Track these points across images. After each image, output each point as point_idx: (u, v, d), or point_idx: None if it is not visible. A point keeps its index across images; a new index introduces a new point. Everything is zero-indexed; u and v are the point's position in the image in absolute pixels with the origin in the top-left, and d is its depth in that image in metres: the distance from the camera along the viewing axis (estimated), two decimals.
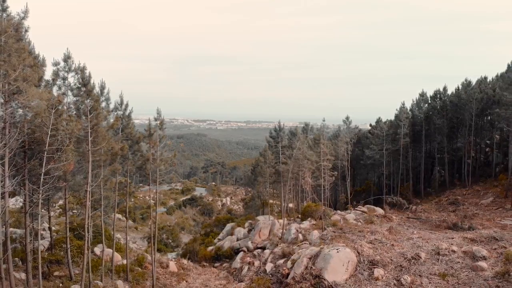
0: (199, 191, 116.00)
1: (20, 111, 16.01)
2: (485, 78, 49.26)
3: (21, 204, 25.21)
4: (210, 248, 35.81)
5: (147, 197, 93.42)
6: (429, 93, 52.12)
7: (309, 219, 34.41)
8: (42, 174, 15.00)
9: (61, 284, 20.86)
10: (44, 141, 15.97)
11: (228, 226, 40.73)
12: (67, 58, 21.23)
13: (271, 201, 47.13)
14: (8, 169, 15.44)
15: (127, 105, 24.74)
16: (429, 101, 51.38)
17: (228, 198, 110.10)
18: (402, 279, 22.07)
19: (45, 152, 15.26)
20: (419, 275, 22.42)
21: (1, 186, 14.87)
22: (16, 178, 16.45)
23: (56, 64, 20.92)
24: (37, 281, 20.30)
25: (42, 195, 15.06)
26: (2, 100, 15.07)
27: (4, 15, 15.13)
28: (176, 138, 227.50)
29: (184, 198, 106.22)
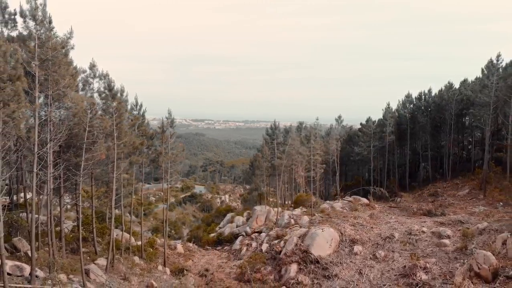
0: (198, 189, 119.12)
1: (62, 111, 19.83)
2: (465, 80, 53.22)
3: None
4: (212, 234, 39.66)
5: (148, 194, 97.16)
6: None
7: (300, 207, 38.36)
8: (83, 161, 18.85)
9: (88, 257, 24.68)
10: (81, 136, 19.83)
11: (228, 215, 44.55)
12: (92, 66, 25.01)
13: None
14: (52, 158, 19.31)
15: (141, 105, 28.78)
16: (414, 102, 55.45)
17: (227, 196, 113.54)
18: (377, 253, 26.05)
19: (84, 144, 19.12)
20: (392, 251, 26.40)
21: (49, 172, 18.69)
22: (57, 165, 20.25)
23: (83, 71, 24.75)
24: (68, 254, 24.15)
25: (82, 178, 18.87)
26: (49, 103, 18.88)
27: (51, 34, 18.93)
28: (175, 137, 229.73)
29: (184, 195, 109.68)
